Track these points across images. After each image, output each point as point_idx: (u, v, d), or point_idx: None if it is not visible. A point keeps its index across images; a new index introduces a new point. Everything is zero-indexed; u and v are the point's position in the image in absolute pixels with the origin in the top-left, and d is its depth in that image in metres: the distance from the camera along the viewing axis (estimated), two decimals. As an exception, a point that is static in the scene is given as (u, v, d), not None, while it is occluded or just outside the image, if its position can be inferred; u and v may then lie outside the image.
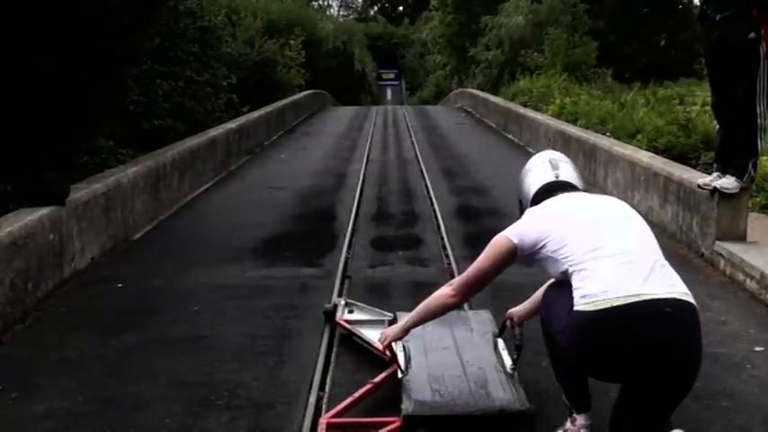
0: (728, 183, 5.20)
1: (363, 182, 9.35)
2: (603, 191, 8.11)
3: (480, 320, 3.85)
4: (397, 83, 54.14)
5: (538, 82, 18.17)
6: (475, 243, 6.04)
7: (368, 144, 13.85)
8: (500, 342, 3.55)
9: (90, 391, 3.44)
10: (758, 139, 5.09)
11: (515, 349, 3.36)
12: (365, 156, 11.92)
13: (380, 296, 4.83)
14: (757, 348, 3.87)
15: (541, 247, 2.84)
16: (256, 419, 3.16)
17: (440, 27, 32.27)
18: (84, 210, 5.42)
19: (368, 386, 3.27)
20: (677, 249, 5.82)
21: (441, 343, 3.51)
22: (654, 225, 6.46)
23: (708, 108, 6.89)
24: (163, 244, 6.33)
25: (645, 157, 7.22)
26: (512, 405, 2.97)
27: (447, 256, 5.71)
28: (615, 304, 2.53)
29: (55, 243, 4.88)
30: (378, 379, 3.31)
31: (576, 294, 2.60)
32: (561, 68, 19.69)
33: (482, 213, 7.25)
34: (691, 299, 2.71)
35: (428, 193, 8.37)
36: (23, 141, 5.46)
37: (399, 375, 3.22)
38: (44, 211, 4.81)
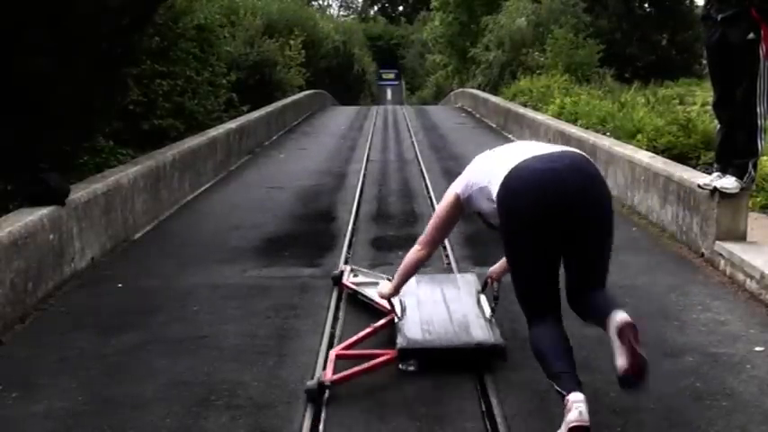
0: (729, 183, 5.20)
1: (363, 182, 9.35)
2: (603, 191, 8.11)
3: (466, 281, 4.52)
4: (397, 83, 54.17)
5: (538, 82, 18.17)
6: (475, 243, 6.06)
7: (368, 144, 13.86)
8: (482, 297, 4.16)
9: (90, 391, 3.44)
10: (758, 140, 5.09)
11: (493, 299, 4.02)
12: (365, 156, 11.92)
13: (380, 296, 4.83)
14: (757, 348, 3.87)
15: (471, 185, 3.45)
16: (256, 419, 3.17)
17: (440, 27, 32.25)
18: (84, 210, 5.42)
19: (369, 329, 3.90)
20: (677, 249, 5.82)
21: (432, 298, 4.22)
22: (654, 225, 6.49)
23: (708, 108, 6.91)
24: (163, 244, 6.33)
25: (645, 157, 7.22)
26: (487, 341, 3.65)
27: (447, 256, 5.71)
28: (517, 162, 3.12)
29: (55, 243, 4.88)
30: (378, 324, 3.93)
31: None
32: (563, 69, 19.67)
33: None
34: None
35: (428, 193, 8.37)
36: (23, 141, 5.46)
37: (396, 321, 3.87)
38: (44, 211, 4.81)
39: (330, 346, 3.95)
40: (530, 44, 23.05)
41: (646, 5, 30.06)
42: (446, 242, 6.00)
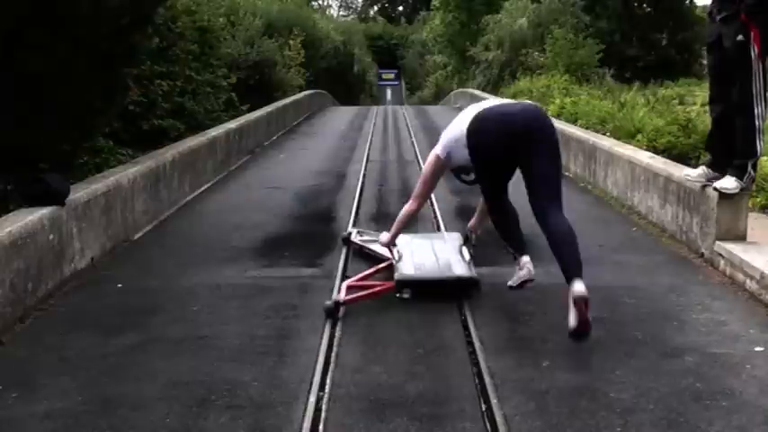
0: (729, 183, 5.21)
1: (363, 182, 9.35)
2: (604, 191, 8.12)
3: (452, 237, 5.56)
4: (397, 83, 54.18)
5: (538, 82, 18.17)
6: (475, 243, 6.05)
7: (368, 144, 13.85)
8: (464, 247, 5.19)
9: (90, 391, 3.44)
10: (757, 141, 5.12)
11: (472, 246, 5.18)
12: (365, 156, 11.91)
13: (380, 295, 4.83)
14: (757, 348, 3.87)
15: (450, 141, 4.57)
16: (256, 419, 3.17)
17: (440, 26, 32.26)
18: (84, 210, 5.42)
19: (372, 269, 5.04)
20: (677, 249, 5.82)
21: (423, 248, 5.25)
22: (654, 225, 6.49)
23: (707, 108, 6.93)
24: (163, 244, 6.33)
25: (645, 157, 7.22)
26: (465, 275, 4.70)
27: (447, 256, 5.70)
28: (480, 110, 4.41)
29: (55, 243, 4.88)
30: (380, 265, 5.09)
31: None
32: (563, 69, 19.68)
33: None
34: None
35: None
36: (23, 141, 5.46)
37: (394, 263, 4.92)
38: (44, 211, 4.81)
39: (330, 346, 3.95)
40: (530, 44, 23.07)
41: (645, 5, 30.06)
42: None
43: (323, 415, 3.21)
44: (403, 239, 5.20)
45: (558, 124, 11.25)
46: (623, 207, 7.34)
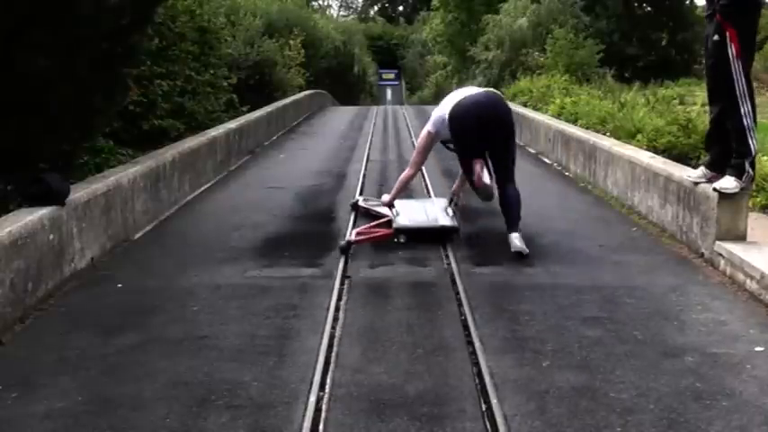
0: (728, 183, 5.23)
1: (363, 182, 9.34)
2: (604, 191, 8.12)
3: (439, 200, 7.05)
4: (397, 83, 54.16)
5: (538, 82, 18.15)
6: (475, 243, 6.06)
7: (368, 144, 13.84)
8: (448, 207, 6.64)
9: (90, 391, 3.45)
10: (749, 139, 5.14)
11: (454, 205, 6.72)
12: (365, 156, 11.91)
13: (381, 296, 4.83)
14: (757, 348, 3.87)
15: (438, 121, 6.21)
16: (256, 419, 3.17)
17: (440, 26, 32.25)
18: (84, 210, 5.42)
19: (375, 222, 6.44)
20: (677, 249, 5.82)
21: (416, 207, 6.73)
22: (654, 225, 6.49)
23: (708, 108, 6.93)
24: (163, 244, 6.33)
25: (645, 157, 7.22)
26: (448, 224, 6.19)
27: (447, 256, 5.71)
28: (458, 100, 5.99)
29: (55, 243, 4.88)
30: (382, 220, 6.47)
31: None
32: (563, 69, 19.67)
33: (482, 213, 7.23)
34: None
35: (428, 194, 8.36)
36: (24, 141, 5.46)
37: (393, 217, 6.38)
38: (44, 211, 4.81)
39: (330, 346, 3.96)
40: (529, 44, 23.05)
41: (645, 5, 30.05)
42: (446, 243, 6.03)
43: (323, 415, 3.21)
44: (400, 202, 6.77)
45: (558, 124, 11.28)
46: (623, 207, 7.35)
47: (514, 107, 15.68)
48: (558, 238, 6.18)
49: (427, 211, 6.59)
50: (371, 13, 65.73)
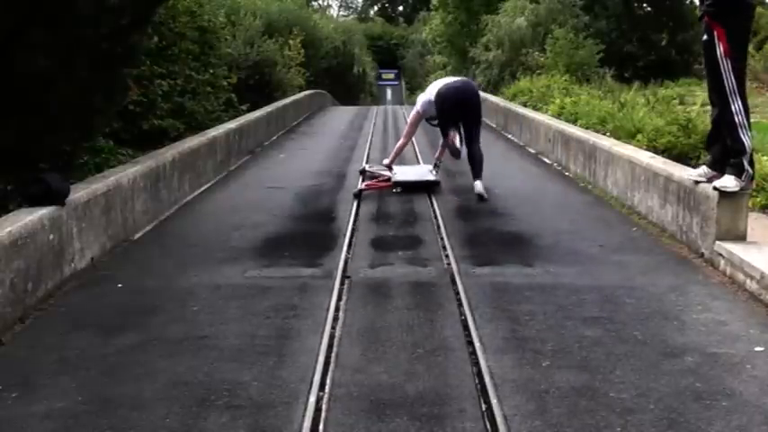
0: (728, 182, 5.24)
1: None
2: (604, 191, 8.12)
3: (425, 166, 9.40)
4: (396, 83, 54.16)
5: (538, 82, 18.14)
6: (475, 243, 6.07)
7: (368, 144, 13.83)
8: (433, 170, 8.83)
9: (90, 391, 3.45)
10: (742, 137, 5.16)
11: (436, 168, 8.85)
12: (365, 156, 11.90)
13: (380, 296, 4.83)
14: (757, 348, 3.87)
15: (425, 102, 8.62)
16: (256, 419, 3.17)
17: (440, 27, 32.24)
18: (84, 210, 5.42)
19: (377, 179, 8.76)
20: (677, 249, 5.82)
21: (408, 170, 9.17)
22: (654, 225, 6.49)
23: (708, 108, 6.93)
24: (163, 244, 6.33)
25: (645, 157, 7.22)
26: (432, 179, 8.48)
27: (447, 256, 5.71)
28: (440, 86, 8.53)
29: (55, 243, 4.88)
30: (383, 178, 8.70)
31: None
32: (563, 69, 19.66)
33: (481, 213, 7.25)
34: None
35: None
36: (24, 141, 5.46)
37: (391, 175, 8.66)
38: (44, 211, 4.81)
39: (330, 346, 3.96)
40: (528, 44, 23.04)
41: (645, 5, 30.05)
42: (446, 243, 6.04)
43: (323, 415, 3.22)
44: (397, 167, 9.14)
45: (558, 124, 11.28)
46: (623, 207, 7.34)
47: (515, 107, 15.81)
48: (558, 238, 6.18)
49: (417, 172, 9.15)
50: (371, 13, 65.73)
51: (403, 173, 8.86)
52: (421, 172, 8.99)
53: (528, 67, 21.55)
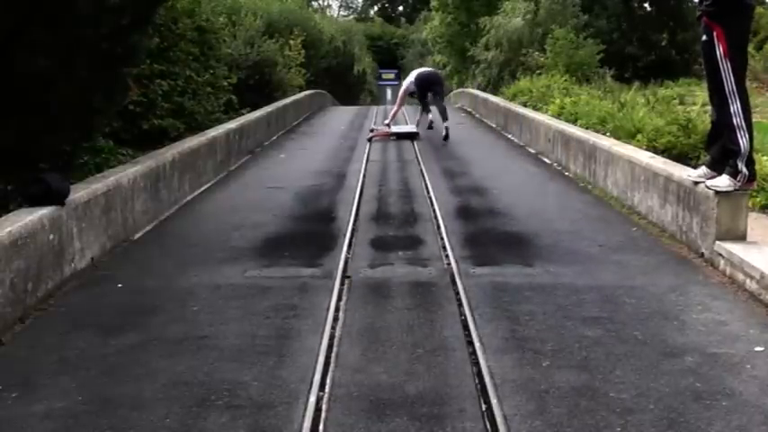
0: (721, 182, 5.28)
1: (363, 182, 9.34)
2: (604, 191, 8.12)
3: (411, 125, 15.25)
4: (396, 83, 54.12)
5: (538, 82, 18.15)
6: (475, 243, 6.07)
7: (368, 144, 13.84)
8: (415, 127, 14.69)
9: (90, 391, 3.45)
10: (739, 138, 5.16)
11: (417, 125, 14.75)
12: (365, 156, 11.90)
13: (380, 296, 4.83)
14: (757, 348, 3.87)
15: (409, 83, 14.59)
16: (256, 419, 3.17)
17: (440, 27, 32.26)
18: (84, 210, 5.42)
19: (379, 133, 14.37)
20: (677, 249, 5.82)
21: (401, 128, 14.96)
22: (654, 225, 6.49)
23: (708, 108, 6.94)
24: (163, 244, 6.33)
25: (645, 157, 7.22)
26: (414, 131, 14.34)
27: (447, 256, 5.71)
28: (417, 73, 15.03)
29: (55, 243, 4.88)
30: (384, 132, 14.33)
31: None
32: (563, 69, 19.67)
33: (481, 213, 7.25)
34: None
35: (428, 193, 8.38)
36: (24, 141, 5.46)
37: (389, 130, 14.43)
38: (44, 211, 4.81)
39: (330, 346, 3.96)
40: (527, 44, 23.05)
41: (645, 5, 30.07)
42: (446, 243, 6.04)
43: (323, 415, 3.22)
44: (395, 127, 14.36)
45: (558, 124, 11.28)
46: (623, 207, 7.35)
47: (515, 107, 15.83)
48: (558, 238, 6.18)
49: (406, 128, 14.69)
50: (371, 13, 65.73)
51: (397, 128, 14.52)
52: (407, 128, 14.72)
53: (528, 67, 21.56)
